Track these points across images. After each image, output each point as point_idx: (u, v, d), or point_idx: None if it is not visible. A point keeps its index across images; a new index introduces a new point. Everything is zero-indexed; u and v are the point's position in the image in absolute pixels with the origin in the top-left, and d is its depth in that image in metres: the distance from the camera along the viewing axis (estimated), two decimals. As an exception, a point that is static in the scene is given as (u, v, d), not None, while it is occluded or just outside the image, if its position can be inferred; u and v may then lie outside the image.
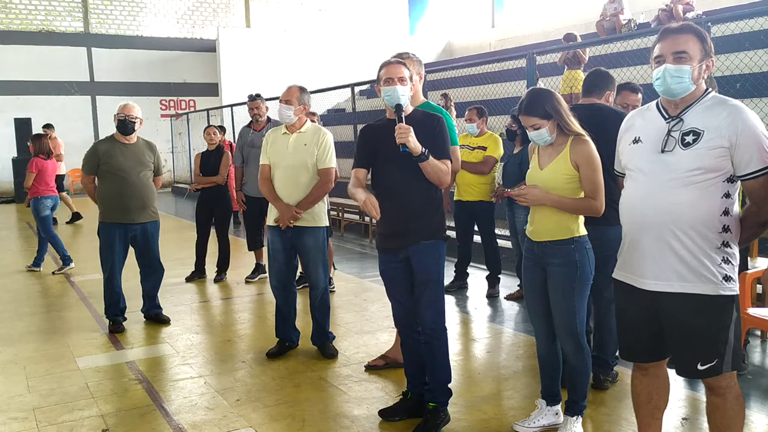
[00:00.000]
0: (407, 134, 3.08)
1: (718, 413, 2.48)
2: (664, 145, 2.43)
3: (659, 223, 2.42)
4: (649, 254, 2.47)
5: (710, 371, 2.42)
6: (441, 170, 3.20)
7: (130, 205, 5.10)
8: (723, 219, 2.37)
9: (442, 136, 3.28)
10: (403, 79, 3.22)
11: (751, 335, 4.44)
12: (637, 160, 2.53)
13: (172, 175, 20.57)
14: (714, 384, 2.46)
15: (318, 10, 21.28)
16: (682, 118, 2.42)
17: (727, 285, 2.38)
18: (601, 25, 11.27)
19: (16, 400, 3.87)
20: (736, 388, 2.48)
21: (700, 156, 2.34)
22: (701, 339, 2.41)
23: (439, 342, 3.36)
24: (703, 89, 2.44)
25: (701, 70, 2.40)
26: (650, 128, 2.51)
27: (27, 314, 5.86)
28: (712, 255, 2.37)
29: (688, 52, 2.38)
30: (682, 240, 2.38)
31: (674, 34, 2.42)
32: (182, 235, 10.54)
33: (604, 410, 3.55)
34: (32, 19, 19.17)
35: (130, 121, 5.12)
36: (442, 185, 3.27)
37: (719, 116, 2.35)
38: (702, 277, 2.38)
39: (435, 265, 3.31)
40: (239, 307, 6.11)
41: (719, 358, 2.39)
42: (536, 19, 17.95)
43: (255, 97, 6.67)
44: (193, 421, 3.54)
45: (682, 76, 2.38)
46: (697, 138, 2.36)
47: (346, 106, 16.65)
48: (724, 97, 2.43)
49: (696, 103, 2.42)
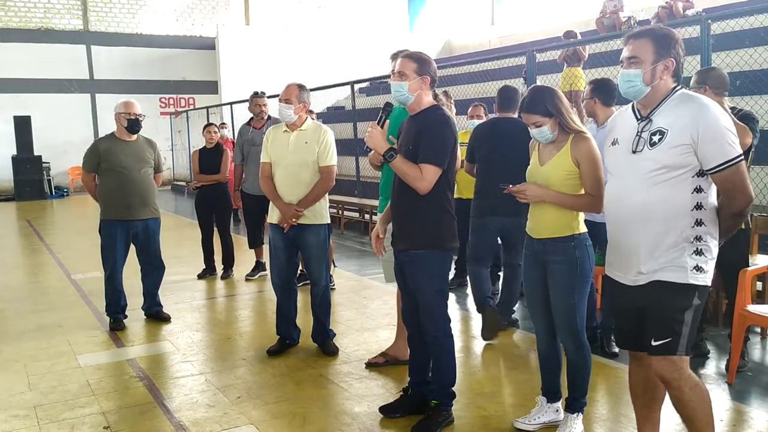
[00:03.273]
0: (372, 135, 3.07)
1: (680, 405, 2.54)
2: (635, 146, 2.52)
3: (634, 221, 2.51)
4: (625, 252, 2.57)
5: (664, 348, 2.47)
6: (408, 174, 3.06)
7: (132, 202, 5.10)
8: (695, 213, 2.44)
9: (430, 138, 3.11)
10: (402, 73, 3.16)
11: (751, 332, 4.45)
12: (613, 161, 2.64)
13: (172, 172, 20.57)
14: (667, 376, 2.50)
15: (317, 7, 21.24)
16: (651, 119, 2.50)
17: (698, 275, 2.45)
18: (600, 22, 11.26)
19: (17, 398, 3.88)
20: (690, 378, 2.51)
21: (663, 154, 2.42)
22: (658, 316, 2.49)
23: (441, 347, 3.33)
24: (669, 88, 2.50)
25: (656, 71, 2.47)
26: (625, 130, 2.60)
27: (28, 312, 5.87)
28: (685, 247, 2.45)
29: (638, 56, 2.49)
30: (655, 236, 2.47)
31: (631, 39, 2.55)
32: (182, 232, 10.56)
33: (604, 407, 3.56)
34: (31, 16, 19.15)
35: (140, 119, 5.16)
36: (417, 190, 3.09)
37: (683, 114, 2.42)
38: (673, 266, 2.46)
39: (425, 278, 3.22)
40: (240, 304, 6.11)
41: (674, 336, 2.45)
42: (536, 17, 17.92)
43: (261, 94, 6.68)
44: (194, 418, 3.55)
45: (632, 80, 2.51)
46: (662, 137, 2.44)
47: (345, 104, 16.62)
48: (690, 95, 2.50)
49: (663, 103, 2.50)
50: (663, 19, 10.01)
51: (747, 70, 6.85)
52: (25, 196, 17.01)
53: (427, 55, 3.30)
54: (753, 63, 6.93)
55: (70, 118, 19.18)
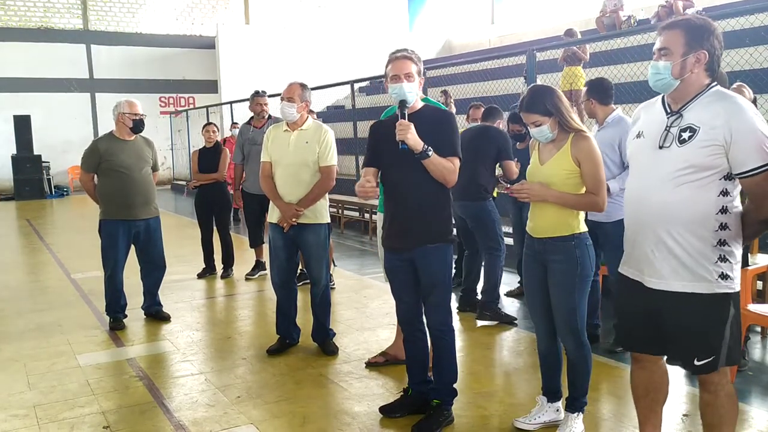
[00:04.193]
0: (406, 131, 3.02)
1: (710, 410, 2.50)
2: (663, 141, 2.41)
3: (654, 222, 2.42)
4: (646, 252, 2.47)
5: (707, 367, 2.42)
6: (446, 168, 3.13)
7: (134, 201, 5.10)
8: (720, 217, 2.34)
9: (449, 133, 3.21)
10: (410, 75, 3.15)
11: (752, 331, 4.44)
12: (637, 155, 2.54)
13: (172, 172, 20.57)
14: (707, 380, 2.47)
15: (317, 6, 21.25)
16: (682, 114, 2.39)
17: (724, 283, 2.37)
18: (600, 21, 11.25)
19: (16, 398, 3.87)
20: (728, 386, 2.48)
21: (693, 154, 2.32)
22: (698, 335, 2.42)
23: (446, 341, 3.35)
24: (703, 83, 2.39)
25: (686, 64, 2.36)
26: (652, 123, 2.50)
27: (27, 311, 5.86)
28: (707, 253, 2.36)
29: (669, 48, 2.38)
30: (677, 239, 2.38)
31: (663, 30, 2.43)
32: (182, 232, 10.55)
33: (604, 407, 3.56)
34: (31, 16, 19.14)
35: (144, 119, 5.18)
36: (448, 184, 3.19)
37: (716, 113, 2.31)
38: (697, 275, 2.38)
39: (440, 270, 3.27)
40: (240, 304, 6.11)
41: (716, 354, 2.40)
42: (536, 16, 17.92)
43: (262, 93, 6.68)
44: (194, 417, 3.54)
45: (660, 73, 2.39)
46: (693, 135, 2.33)
47: (345, 103, 16.63)
48: (725, 93, 2.38)
49: (697, 98, 2.38)
50: (663, 18, 10.00)
51: (747, 69, 6.84)
52: (25, 195, 17.01)
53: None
54: (753, 62, 6.93)
55: (70, 117, 19.19)
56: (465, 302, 5.54)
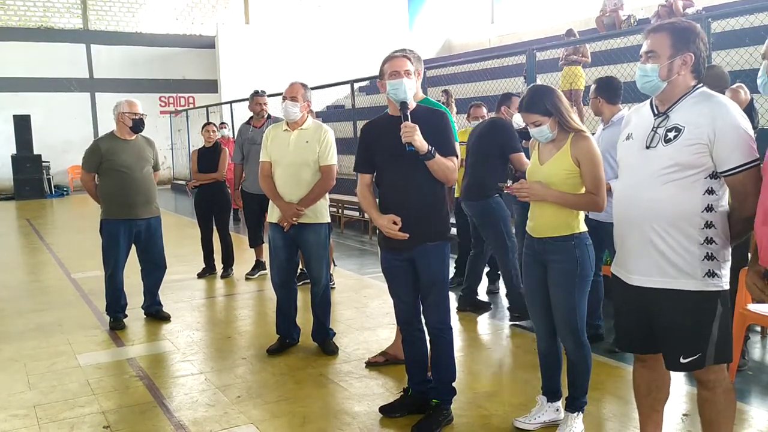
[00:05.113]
0: (413, 133, 3.03)
1: (708, 406, 2.51)
2: (649, 141, 2.46)
3: (641, 219, 2.46)
4: (633, 250, 2.52)
5: (692, 365, 2.45)
6: (447, 168, 3.16)
7: (135, 201, 5.10)
8: (705, 215, 2.38)
9: (447, 133, 3.24)
10: (409, 72, 3.18)
11: (752, 331, 4.44)
12: (626, 156, 2.59)
13: (172, 172, 20.56)
14: (703, 377, 2.49)
15: (317, 6, 21.24)
16: (669, 115, 2.44)
17: (711, 281, 2.40)
18: (600, 21, 11.25)
19: (16, 398, 3.88)
20: (726, 382, 2.50)
21: (678, 152, 2.37)
22: (683, 333, 2.44)
23: (445, 339, 3.36)
24: (689, 85, 2.44)
25: (673, 66, 2.41)
26: (641, 124, 2.55)
27: (27, 311, 5.86)
28: (694, 251, 2.39)
29: (656, 50, 2.43)
30: (663, 236, 2.42)
31: (649, 34, 2.48)
32: (182, 231, 10.55)
33: (605, 407, 3.56)
34: (31, 15, 19.14)
35: (144, 118, 5.18)
36: (448, 183, 3.23)
37: (701, 112, 2.36)
38: (683, 273, 2.41)
39: (440, 268, 3.29)
40: (240, 303, 6.11)
41: (701, 352, 2.42)
42: (536, 15, 17.92)
43: (262, 92, 6.69)
44: (194, 417, 3.54)
45: (648, 75, 2.45)
46: (678, 134, 2.38)
47: (345, 103, 16.63)
48: (711, 93, 2.43)
49: (683, 99, 2.44)
50: (663, 17, 10.00)
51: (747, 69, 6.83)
52: (25, 195, 17.00)
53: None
54: (753, 62, 6.92)
55: (70, 117, 19.18)
56: (465, 302, 5.53)
